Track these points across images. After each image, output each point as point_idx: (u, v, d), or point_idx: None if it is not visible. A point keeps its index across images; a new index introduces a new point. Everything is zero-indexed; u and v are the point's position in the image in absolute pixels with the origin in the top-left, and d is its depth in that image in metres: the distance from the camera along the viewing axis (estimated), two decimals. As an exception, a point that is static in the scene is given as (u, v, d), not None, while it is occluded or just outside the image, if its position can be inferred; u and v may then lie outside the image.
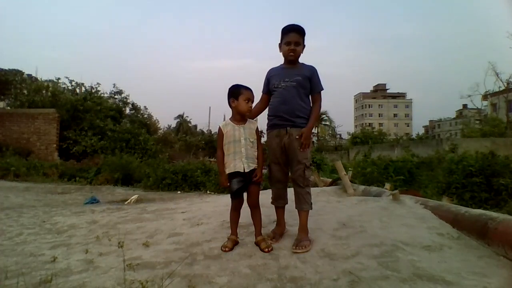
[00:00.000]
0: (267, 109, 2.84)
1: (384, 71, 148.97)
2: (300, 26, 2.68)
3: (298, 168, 2.61)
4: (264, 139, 3.06)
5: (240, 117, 2.59)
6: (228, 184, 2.52)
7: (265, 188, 2.77)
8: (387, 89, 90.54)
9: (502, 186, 5.54)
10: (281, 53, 2.73)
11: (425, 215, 3.15)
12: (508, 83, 32.72)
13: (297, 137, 2.58)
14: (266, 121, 2.83)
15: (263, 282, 2.00)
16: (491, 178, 5.77)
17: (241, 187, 2.52)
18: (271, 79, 2.75)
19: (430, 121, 76.47)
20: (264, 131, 3.00)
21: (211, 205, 4.75)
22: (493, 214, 2.61)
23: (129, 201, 6.22)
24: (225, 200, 5.31)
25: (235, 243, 2.57)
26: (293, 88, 2.63)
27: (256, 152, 2.59)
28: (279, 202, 2.81)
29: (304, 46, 2.69)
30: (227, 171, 2.53)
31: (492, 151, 6.53)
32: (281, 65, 2.79)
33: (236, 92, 2.56)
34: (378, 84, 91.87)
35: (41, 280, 2.09)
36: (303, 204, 2.62)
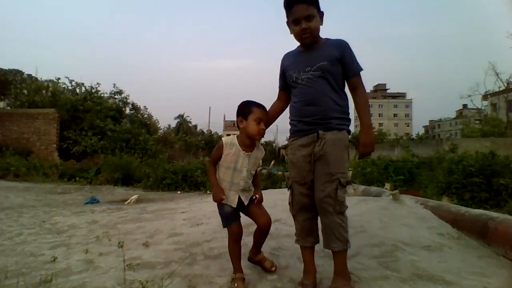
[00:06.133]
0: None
1: (384, 71, 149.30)
2: None
3: (327, 185, 1.84)
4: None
5: (249, 141, 2.06)
6: (223, 197, 2.00)
7: (265, 188, 2.68)
8: (387, 89, 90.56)
9: (502, 186, 5.56)
10: (292, 35, 2.00)
11: (425, 215, 3.16)
12: (508, 83, 32.74)
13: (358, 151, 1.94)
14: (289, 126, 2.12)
15: (263, 282, 2.00)
16: (491, 178, 5.79)
17: (237, 208, 2.04)
18: (288, 70, 2.04)
19: (430, 121, 76.59)
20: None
21: (211, 205, 4.73)
22: (493, 214, 2.62)
23: (129, 201, 6.23)
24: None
25: (244, 280, 2.02)
26: (319, 79, 1.92)
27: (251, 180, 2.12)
28: (307, 240, 2.00)
29: (322, 14, 1.95)
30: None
31: (492, 151, 6.56)
32: (298, 47, 2.07)
33: (245, 110, 2.04)
34: (378, 84, 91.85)
35: (41, 280, 2.09)
36: (333, 242, 1.84)
